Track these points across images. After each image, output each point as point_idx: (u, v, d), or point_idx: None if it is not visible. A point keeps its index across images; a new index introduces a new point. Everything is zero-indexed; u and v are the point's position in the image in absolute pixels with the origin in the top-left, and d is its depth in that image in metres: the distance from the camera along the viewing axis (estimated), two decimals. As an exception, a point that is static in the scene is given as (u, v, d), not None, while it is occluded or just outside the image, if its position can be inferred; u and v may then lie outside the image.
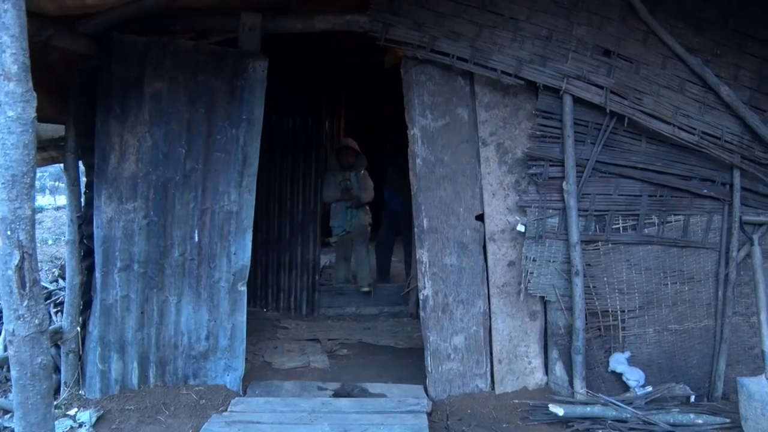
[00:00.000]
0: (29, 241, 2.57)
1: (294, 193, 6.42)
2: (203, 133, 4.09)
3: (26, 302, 2.56)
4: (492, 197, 4.16)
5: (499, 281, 4.18)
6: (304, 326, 5.87)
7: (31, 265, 2.57)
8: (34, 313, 2.60)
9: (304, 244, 6.38)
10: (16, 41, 2.48)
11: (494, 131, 4.14)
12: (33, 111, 2.58)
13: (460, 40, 4.03)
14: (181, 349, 4.19)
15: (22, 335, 2.58)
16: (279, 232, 6.39)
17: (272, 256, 6.34)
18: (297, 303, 6.32)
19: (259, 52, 4.17)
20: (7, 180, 2.48)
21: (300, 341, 5.40)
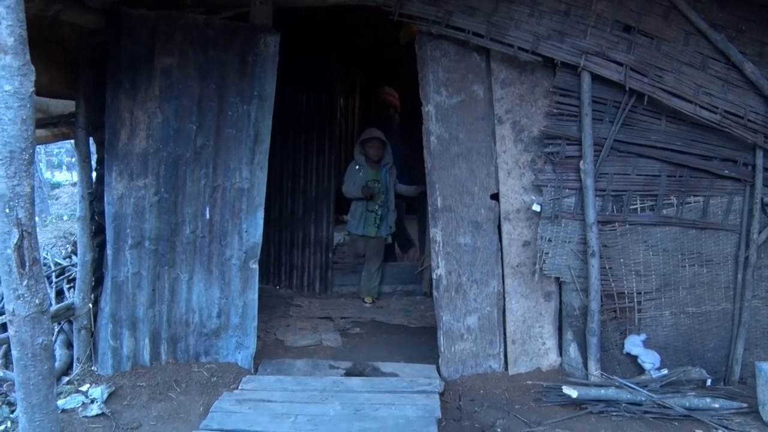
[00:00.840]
0: (28, 219, 2.52)
1: (307, 170, 6.34)
2: (214, 109, 4.03)
3: (26, 282, 2.52)
4: (507, 176, 4.08)
5: (514, 261, 4.12)
6: (317, 304, 5.85)
7: (30, 244, 2.53)
8: (35, 293, 2.56)
9: (318, 222, 6.32)
10: (12, 12, 2.41)
11: (510, 109, 4.05)
12: (31, 85, 2.49)
13: (476, 15, 3.92)
14: (193, 326, 4.17)
15: (22, 315, 2.56)
16: (292, 210, 6.33)
17: (285, 234, 6.30)
18: (310, 281, 6.28)
19: (270, 26, 4.09)
20: (5, 156, 2.43)
21: (312, 319, 5.38)
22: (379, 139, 5.86)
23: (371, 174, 5.92)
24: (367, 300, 5.99)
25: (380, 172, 5.95)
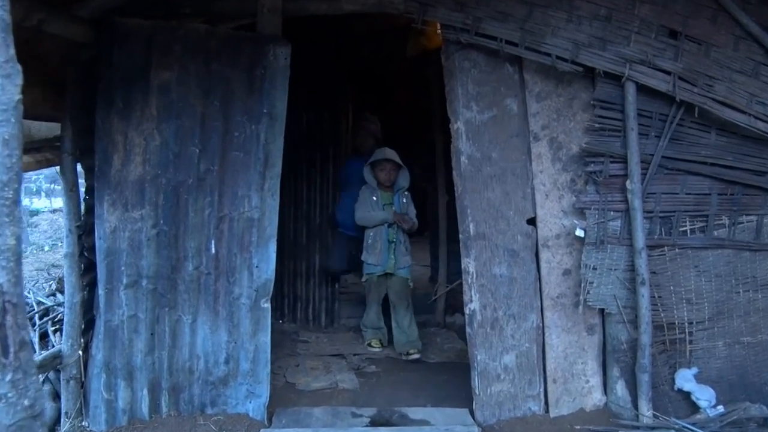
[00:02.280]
0: (13, 285, 1.65)
1: (311, 195, 5.88)
2: (219, 129, 3.57)
3: (10, 375, 1.65)
4: (545, 198, 3.68)
5: (554, 292, 3.71)
6: (324, 339, 5.37)
7: (16, 321, 1.65)
8: (22, 392, 1.67)
9: (323, 250, 5.85)
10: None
11: (547, 124, 3.66)
12: (16, 90, 1.72)
13: (508, 22, 3.54)
14: (198, 374, 3.68)
15: (5, 424, 1.66)
16: (295, 238, 5.85)
17: (288, 264, 5.82)
18: (315, 314, 5.81)
19: (280, 36, 3.65)
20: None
21: (323, 357, 4.91)
22: (392, 161, 5.13)
23: (384, 198, 5.19)
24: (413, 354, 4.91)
25: (393, 197, 5.21)
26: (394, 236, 5.11)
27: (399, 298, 5.10)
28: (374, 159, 5.15)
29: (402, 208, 5.18)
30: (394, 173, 5.17)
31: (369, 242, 5.15)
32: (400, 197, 5.22)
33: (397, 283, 5.13)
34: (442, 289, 5.74)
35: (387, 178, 5.14)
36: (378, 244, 5.10)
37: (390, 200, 5.20)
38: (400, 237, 5.10)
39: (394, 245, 5.11)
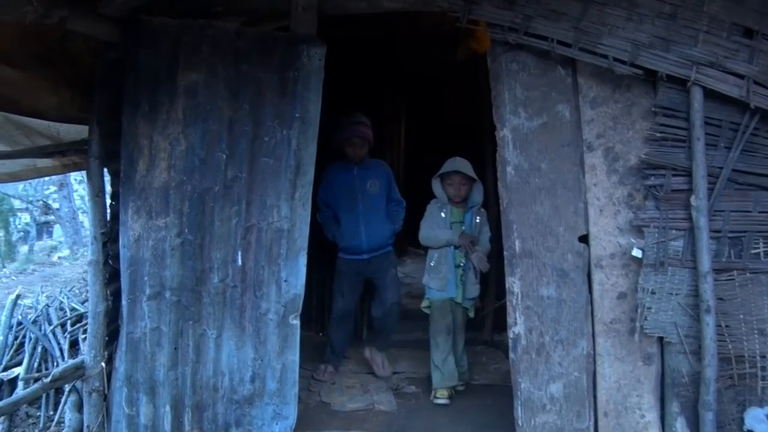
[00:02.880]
0: None
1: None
2: (248, 134, 3.39)
3: None
4: (599, 214, 3.35)
5: (607, 317, 3.37)
6: (365, 355, 5.12)
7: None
8: None
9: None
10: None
11: (602, 133, 3.33)
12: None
13: (561, 21, 3.23)
14: (222, 392, 3.49)
15: None
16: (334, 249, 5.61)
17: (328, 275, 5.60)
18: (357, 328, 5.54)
19: (315, 36, 3.43)
20: None
21: (361, 374, 4.71)
22: (462, 174, 4.37)
23: (454, 215, 4.46)
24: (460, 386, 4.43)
25: (465, 215, 4.48)
26: (462, 259, 4.39)
27: (459, 330, 4.49)
28: (443, 171, 4.42)
29: (473, 230, 4.45)
30: (465, 188, 4.41)
31: (432, 264, 4.46)
32: (473, 216, 4.48)
33: (460, 314, 4.49)
34: (489, 306, 5.41)
35: (456, 194, 4.41)
36: (442, 267, 4.40)
37: (460, 218, 4.48)
38: (469, 263, 4.38)
39: (462, 270, 4.40)
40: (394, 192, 4.91)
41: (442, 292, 4.39)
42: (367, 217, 4.68)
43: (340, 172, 4.74)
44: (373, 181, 4.74)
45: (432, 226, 4.45)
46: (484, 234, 4.47)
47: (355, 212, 4.68)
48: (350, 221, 4.69)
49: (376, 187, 4.74)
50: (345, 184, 4.71)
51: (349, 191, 4.71)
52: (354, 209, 4.69)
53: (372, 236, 4.67)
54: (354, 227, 4.68)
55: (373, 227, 4.69)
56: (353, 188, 4.71)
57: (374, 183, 4.74)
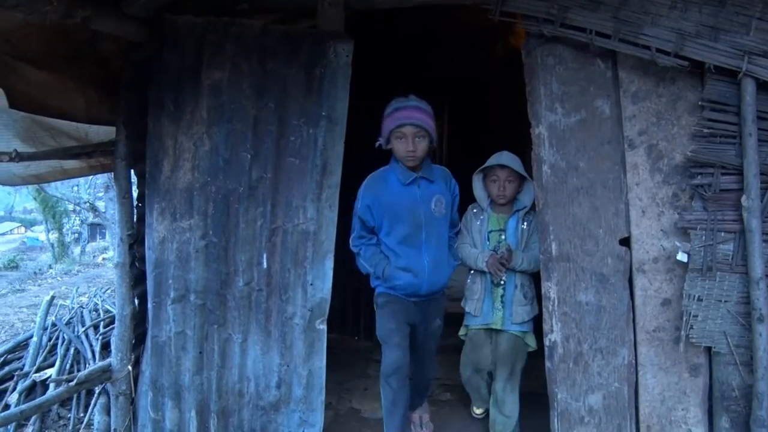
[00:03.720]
0: None
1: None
2: (273, 133, 3.30)
3: None
4: (641, 215, 3.17)
5: (650, 325, 3.19)
6: (399, 359, 5.01)
7: None
8: None
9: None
10: None
11: (644, 129, 3.15)
12: None
13: (599, 11, 3.05)
14: (248, 397, 3.43)
15: None
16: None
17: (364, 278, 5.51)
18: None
19: (342, 32, 3.32)
20: None
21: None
22: (509, 169, 3.65)
23: (493, 222, 3.75)
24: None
25: (508, 221, 3.74)
26: (502, 276, 3.67)
27: (502, 362, 3.77)
28: (487, 164, 3.73)
29: (518, 239, 3.70)
30: (512, 186, 3.69)
31: (468, 283, 3.84)
32: (519, 222, 3.72)
33: (505, 342, 3.73)
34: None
35: (500, 193, 3.68)
36: (477, 287, 3.76)
37: (501, 225, 3.74)
38: (514, 278, 3.68)
39: (503, 289, 3.70)
40: (456, 212, 3.71)
41: (477, 317, 3.75)
42: (432, 252, 3.48)
43: (390, 182, 3.47)
44: (438, 198, 3.50)
45: (464, 239, 3.80)
46: (534, 243, 3.63)
47: (417, 242, 3.44)
48: (409, 256, 3.44)
49: (441, 207, 3.51)
50: (401, 202, 3.44)
51: (409, 212, 3.43)
52: (415, 239, 3.44)
53: (436, 276, 3.50)
54: (414, 263, 3.44)
55: (438, 264, 3.51)
56: (414, 208, 3.43)
57: (440, 200, 3.50)
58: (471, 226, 3.81)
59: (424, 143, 3.37)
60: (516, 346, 3.73)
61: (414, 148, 3.33)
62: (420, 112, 3.35)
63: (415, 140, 3.33)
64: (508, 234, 3.73)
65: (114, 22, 3.16)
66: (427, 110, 3.40)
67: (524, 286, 3.70)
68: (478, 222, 3.78)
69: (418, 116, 3.33)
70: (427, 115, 3.37)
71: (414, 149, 3.33)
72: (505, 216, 3.76)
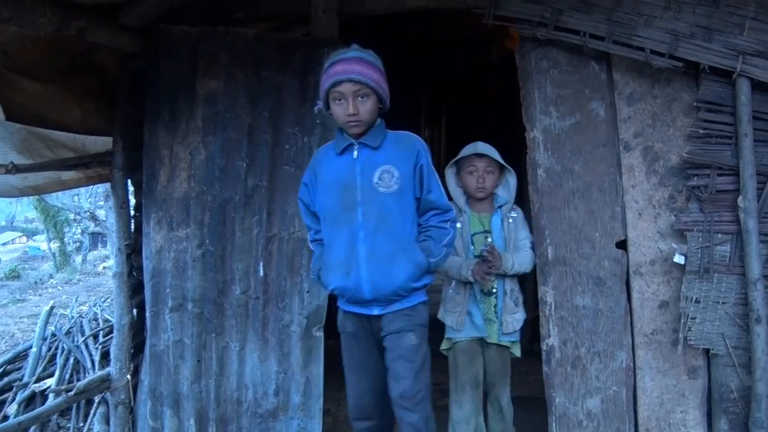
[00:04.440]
0: None
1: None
2: (268, 142, 3.35)
3: None
4: (638, 218, 3.19)
5: (647, 328, 3.21)
6: (399, 364, 5.03)
7: None
8: None
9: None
10: None
11: (640, 131, 3.17)
12: None
13: (593, 13, 3.08)
14: (246, 405, 3.46)
15: None
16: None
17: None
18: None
19: (336, 39, 3.36)
20: None
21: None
22: (488, 158, 3.27)
23: (475, 223, 3.35)
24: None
25: (491, 220, 3.35)
26: (492, 284, 3.28)
27: (499, 377, 3.42)
28: (462, 155, 3.35)
29: (507, 239, 3.32)
30: (492, 178, 3.30)
31: (449, 293, 3.38)
32: (504, 219, 3.35)
33: (498, 357, 3.38)
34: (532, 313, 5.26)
35: (479, 185, 3.27)
36: (460, 299, 3.32)
37: (485, 226, 3.34)
38: (503, 284, 3.30)
39: (495, 298, 3.31)
40: (432, 190, 2.75)
41: (458, 331, 3.33)
42: (373, 239, 2.65)
43: (329, 154, 2.81)
44: (386, 169, 2.67)
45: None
46: (522, 241, 3.34)
47: (351, 227, 2.68)
48: (340, 245, 2.70)
49: (392, 181, 2.66)
50: (332, 175, 2.76)
51: (341, 188, 2.71)
52: (349, 222, 2.68)
53: (382, 272, 2.65)
54: (347, 256, 2.68)
55: (386, 256, 2.65)
56: (347, 182, 2.70)
57: (389, 172, 2.67)
58: None
59: (369, 103, 2.63)
60: (504, 357, 3.41)
61: (355, 111, 2.60)
62: (362, 65, 2.63)
63: (356, 101, 2.60)
64: (494, 235, 3.33)
65: (109, 34, 3.21)
66: (373, 62, 2.69)
67: (514, 291, 3.36)
68: (458, 224, 3.17)
69: (359, 69, 2.60)
70: (372, 68, 2.66)
71: (356, 112, 2.60)
72: (487, 215, 3.36)
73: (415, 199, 2.74)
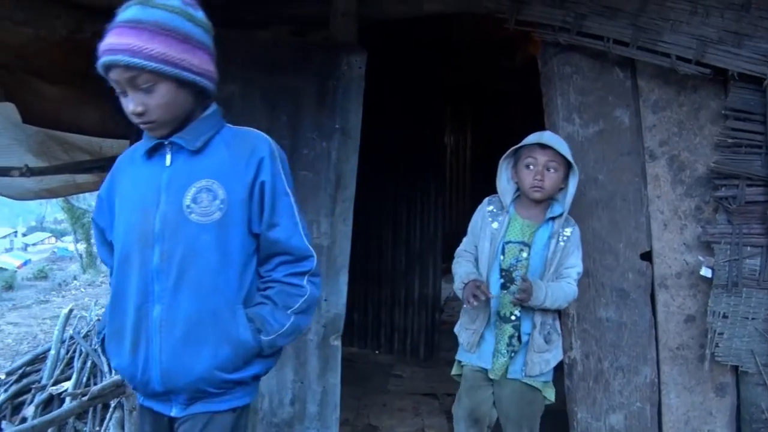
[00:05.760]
0: None
1: (411, 218, 5.62)
2: (285, 147, 3.29)
3: None
4: (663, 229, 3.18)
5: (673, 342, 3.19)
6: (421, 374, 5.09)
7: None
8: None
9: (423, 277, 5.59)
10: None
11: (666, 140, 3.16)
12: None
13: (617, 18, 3.08)
14: (261, 414, 3.49)
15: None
16: (393, 264, 5.63)
17: (386, 291, 5.62)
18: (413, 345, 5.56)
19: (355, 43, 3.42)
20: None
21: (414, 396, 4.64)
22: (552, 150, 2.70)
23: (516, 230, 2.80)
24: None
25: (536, 232, 2.78)
26: (513, 310, 2.77)
27: (513, 421, 2.85)
28: (523, 143, 2.80)
29: (548, 261, 2.74)
30: (554, 177, 2.73)
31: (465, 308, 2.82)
32: (554, 236, 2.76)
33: (513, 395, 2.81)
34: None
35: (535, 183, 2.72)
36: (479, 318, 2.83)
37: (526, 237, 2.78)
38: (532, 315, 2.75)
39: (512, 327, 2.78)
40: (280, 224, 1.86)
41: (472, 354, 2.86)
42: (171, 297, 1.76)
43: (135, 158, 1.92)
44: (206, 185, 1.79)
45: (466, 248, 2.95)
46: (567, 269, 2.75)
47: (144, 276, 1.78)
48: (128, 302, 1.81)
49: (212, 205, 1.78)
50: (135, 193, 1.86)
51: (140, 212, 1.81)
52: (142, 267, 1.78)
53: (175, 355, 1.76)
54: (135, 320, 1.79)
55: (184, 329, 1.76)
56: (148, 203, 1.80)
57: (209, 190, 1.79)
58: (482, 228, 2.88)
59: (160, 92, 1.71)
60: (527, 402, 2.83)
61: (140, 106, 1.71)
62: (140, 34, 1.66)
63: (138, 92, 1.70)
64: (534, 251, 2.77)
65: (126, 37, 3.28)
66: (163, 24, 1.69)
67: (546, 325, 2.78)
68: (495, 224, 2.83)
69: (132, 45, 1.65)
70: (159, 36, 1.67)
71: (141, 109, 1.71)
72: (533, 224, 2.80)
73: (252, 235, 1.85)
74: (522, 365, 2.77)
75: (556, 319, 2.86)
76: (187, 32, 1.75)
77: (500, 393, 2.85)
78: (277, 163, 1.89)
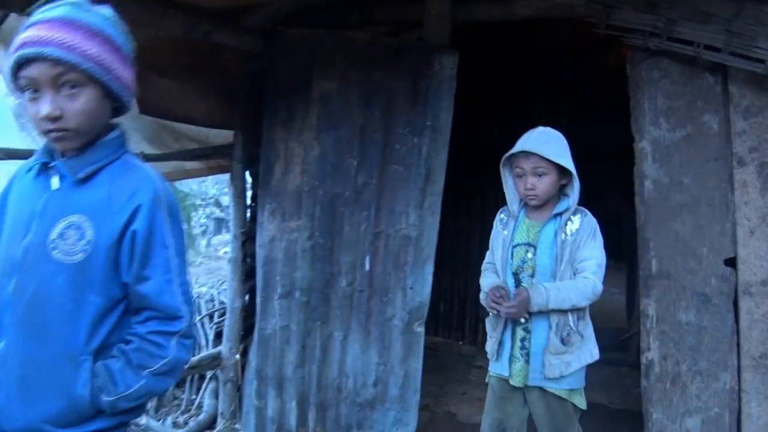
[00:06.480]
0: None
1: (499, 211, 5.75)
2: (378, 141, 3.62)
3: None
4: (749, 235, 3.21)
5: (756, 350, 3.21)
6: (502, 366, 5.23)
7: None
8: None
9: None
10: None
11: (756, 146, 3.18)
12: None
13: (709, 23, 3.13)
14: (345, 393, 3.77)
15: None
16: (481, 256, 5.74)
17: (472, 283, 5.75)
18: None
19: (447, 45, 3.61)
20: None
21: (496, 385, 4.78)
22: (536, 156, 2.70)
23: (522, 232, 2.87)
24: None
25: (541, 231, 2.80)
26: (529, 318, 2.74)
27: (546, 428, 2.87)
28: (512, 151, 2.81)
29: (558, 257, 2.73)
30: (545, 181, 2.74)
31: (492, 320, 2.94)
32: (559, 231, 2.75)
33: (542, 403, 2.82)
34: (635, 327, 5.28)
35: (528, 192, 2.78)
36: (498, 325, 2.88)
37: (530, 238, 2.82)
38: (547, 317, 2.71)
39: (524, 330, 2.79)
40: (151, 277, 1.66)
41: (495, 363, 2.92)
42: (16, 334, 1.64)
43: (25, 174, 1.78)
44: (76, 222, 1.62)
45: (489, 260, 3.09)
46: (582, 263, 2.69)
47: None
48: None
49: (78, 244, 1.61)
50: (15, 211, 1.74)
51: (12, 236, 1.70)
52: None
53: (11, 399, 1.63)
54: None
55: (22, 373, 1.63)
56: (19, 229, 1.68)
57: (77, 228, 1.61)
58: (495, 237, 3.04)
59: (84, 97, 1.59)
60: (556, 409, 2.81)
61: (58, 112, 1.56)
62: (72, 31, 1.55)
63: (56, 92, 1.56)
64: (540, 249, 2.77)
65: (231, 35, 3.61)
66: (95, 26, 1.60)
67: (562, 326, 2.72)
68: (505, 231, 2.94)
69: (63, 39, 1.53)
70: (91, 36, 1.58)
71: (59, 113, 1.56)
72: (538, 223, 2.82)
73: (120, 283, 1.67)
74: (540, 368, 2.74)
75: (581, 319, 2.79)
76: (120, 43, 1.66)
77: (530, 401, 2.88)
78: (160, 212, 1.67)
